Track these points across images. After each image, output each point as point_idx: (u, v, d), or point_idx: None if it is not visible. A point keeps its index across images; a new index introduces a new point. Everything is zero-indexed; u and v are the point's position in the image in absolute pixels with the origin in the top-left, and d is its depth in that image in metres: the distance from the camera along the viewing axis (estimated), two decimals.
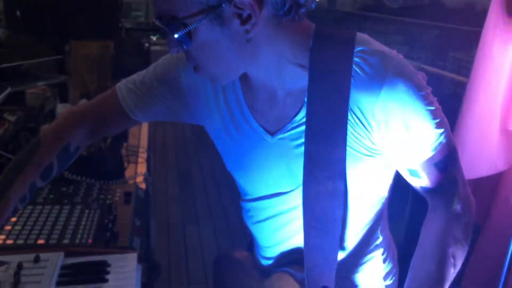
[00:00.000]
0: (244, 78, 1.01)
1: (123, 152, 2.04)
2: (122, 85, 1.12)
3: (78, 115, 1.17)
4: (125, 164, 1.95)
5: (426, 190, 1.02)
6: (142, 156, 2.08)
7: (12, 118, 1.90)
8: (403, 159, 0.98)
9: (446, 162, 0.97)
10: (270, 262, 1.19)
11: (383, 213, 1.12)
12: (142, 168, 1.98)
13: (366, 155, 0.97)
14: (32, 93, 2.24)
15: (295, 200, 1.04)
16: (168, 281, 2.95)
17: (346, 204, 1.02)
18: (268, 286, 1.13)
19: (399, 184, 1.08)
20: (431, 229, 1.03)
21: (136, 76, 1.13)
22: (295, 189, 1.04)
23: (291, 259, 1.12)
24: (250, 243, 1.29)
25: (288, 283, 1.08)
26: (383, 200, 1.09)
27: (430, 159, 0.95)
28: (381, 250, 1.14)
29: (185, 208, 3.74)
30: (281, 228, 1.11)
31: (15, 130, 1.88)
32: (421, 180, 1.00)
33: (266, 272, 1.17)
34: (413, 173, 0.99)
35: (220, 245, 3.28)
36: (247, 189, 1.14)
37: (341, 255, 1.08)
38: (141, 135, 2.33)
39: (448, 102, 0.98)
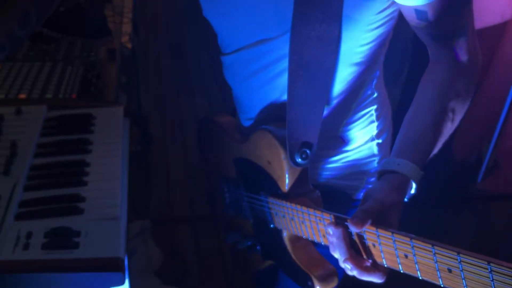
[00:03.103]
0: None
1: (108, 13, 1.92)
2: None
3: None
4: (111, 25, 1.85)
5: (432, 36, 0.92)
6: (127, 16, 1.97)
7: None
8: None
9: (459, 3, 0.88)
10: (252, 121, 1.12)
11: (379, 67, 1.04)
12: (127, 28, 1.88)
13: None
14: None
15: (282, 48, 0.95)
16: (165, 152, 2.98)
17: (338, 52, 0.93)
18: (247, 146, 1.07)
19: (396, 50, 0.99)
20: (431, 81, 0.94)
21: None
22: (282, 34, 0.94)
23: (274, 117, 1.04)
24: (233, 108, 1.22)
25: (268, 142, 1.00)
26: (380, 53, 1.00)
27: None
28: (374, 107, 1.07)
29: (178, 78, 3.68)
30: (266, 84, 1.03)
31: None
32: (429, 24, 0.89)
33: (248, 132, 1.10)
34: (421, 15, 0.88)
35: (215, 113, 3.25)
36: (228, 39, 1.05)
37: (328, 110, 1.01)
38: None
39: None
